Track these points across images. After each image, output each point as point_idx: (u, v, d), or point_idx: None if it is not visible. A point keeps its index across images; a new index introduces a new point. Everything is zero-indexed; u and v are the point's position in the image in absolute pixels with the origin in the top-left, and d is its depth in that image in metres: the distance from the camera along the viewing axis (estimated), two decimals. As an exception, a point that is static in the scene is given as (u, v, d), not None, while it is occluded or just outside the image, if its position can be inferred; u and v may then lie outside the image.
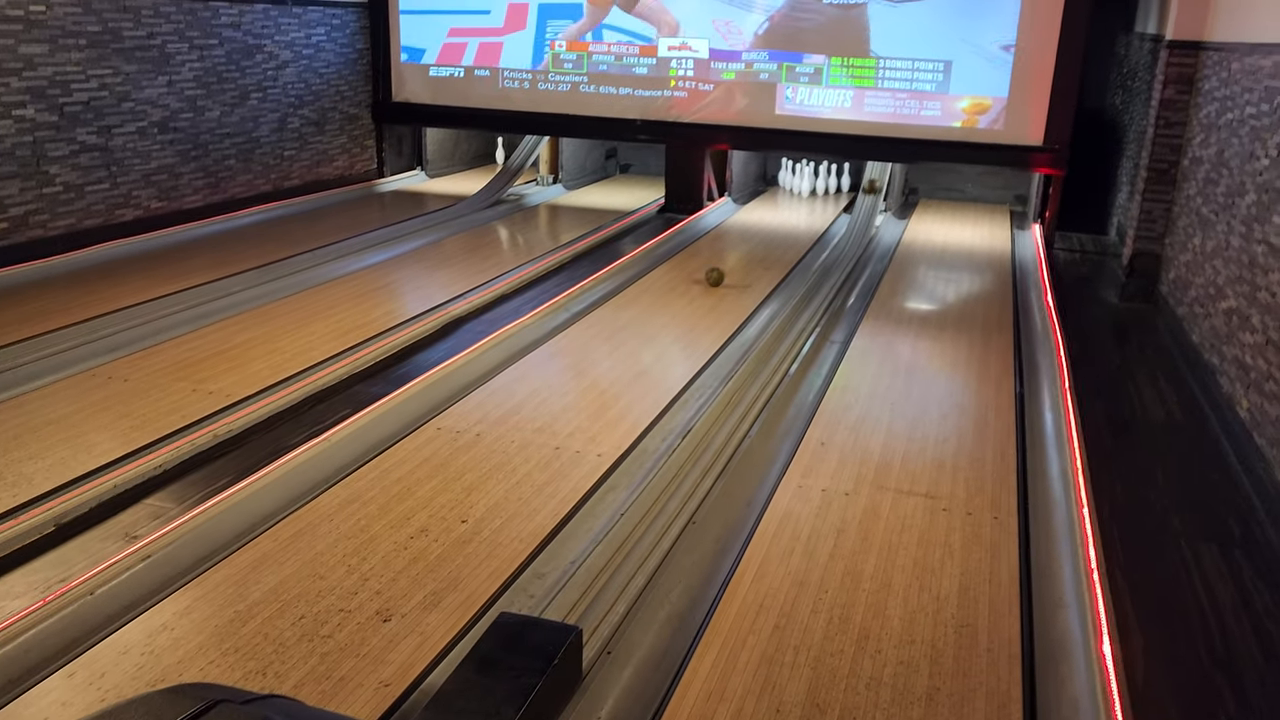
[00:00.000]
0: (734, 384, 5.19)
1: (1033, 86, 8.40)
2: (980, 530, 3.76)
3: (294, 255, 7.36)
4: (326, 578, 3.30)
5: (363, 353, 5.41)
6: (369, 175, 10.36)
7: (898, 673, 2.92)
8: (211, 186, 8.37)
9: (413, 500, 3.85)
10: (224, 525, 3.56)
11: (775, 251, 8.23)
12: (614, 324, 6.20)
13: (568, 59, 9.70)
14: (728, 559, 3.55)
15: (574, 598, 3.25)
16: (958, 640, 3.08)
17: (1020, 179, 10.24)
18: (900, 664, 2.96)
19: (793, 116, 9.15)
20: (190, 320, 5.87)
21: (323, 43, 9.42)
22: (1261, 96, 4.99)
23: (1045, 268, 7.61)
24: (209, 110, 8.23)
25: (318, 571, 3.33)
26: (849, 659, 2.98)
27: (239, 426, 4.45)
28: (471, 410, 4.77)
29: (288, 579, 3.28)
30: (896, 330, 6.30)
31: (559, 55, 9.71)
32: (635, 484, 4.06)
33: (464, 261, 7.64)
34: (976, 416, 4.89)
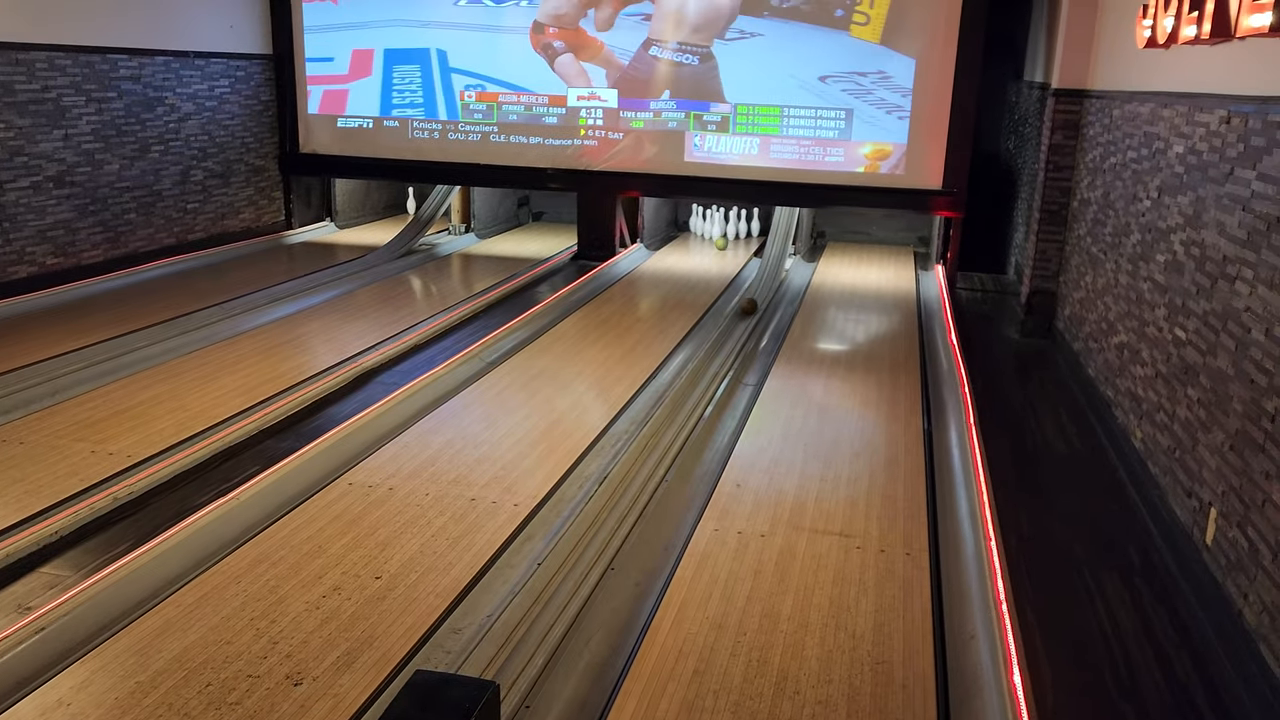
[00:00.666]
0: (649, 429, 5.21)
1: (930, 133, 8.73)
2: (893, 567, 3.83)
3: (200, 309, 7.19)
4: (234, 642, 3.19)
5: (272, 408, 5.29)
6: (277, 227, 10.20)
7: (816, 713, 2.94)
8: (111, 241, 8.14)
9: (324, 558, 3.76)
10: (125, 592, 3.43)
11: (688, 296, 8.33)
12: (529, 372, 6.19)
13: (477, 109, 9.74)
14: (647, 604, 3.55)
15: (491, 652, 3.21)
16: (874, 677, 3.12)
17: (922, 221, 10.59)
18: (819, 704, 2.99)
19: (702, 163, 9.33)
20: (90, 379, 5.68)
21: (226, 94, 9.29)
22: (1141, 141, 5.28)
23: (949, 307, 7.86)
24: (108, 164, 8.03)
25: (224, 636, 3.23)
26: (768, 701, 2.99)
27: (141, 488, 4.31)
28: (385, 464, 4.69)
29: (192, 646, 3.17)
30: (808, 371, 6.43)
31: (469, 105, 9.75)
32: (553, 532, 4.04)
33: (376, 313, 7.55)
34: (887, 454, 5.00)
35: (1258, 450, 3.37)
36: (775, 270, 9.38)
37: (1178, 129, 4.65)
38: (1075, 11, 6.92)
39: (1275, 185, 3.42)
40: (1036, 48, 8.48)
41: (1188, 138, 4.48)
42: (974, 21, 8.40)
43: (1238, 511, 3.49)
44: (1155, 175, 4.94)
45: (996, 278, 9.37)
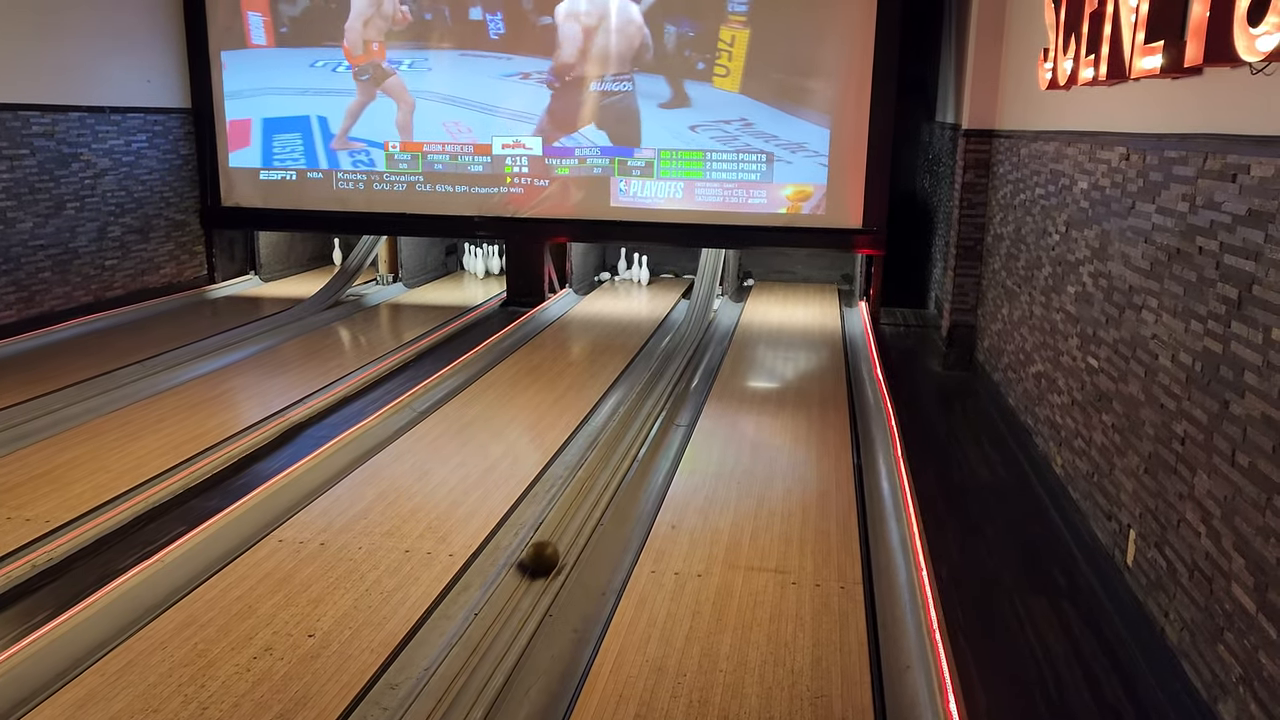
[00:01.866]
0: (584, 473, 5.22)
1: (848, 174, 8.98)
2: (829, 601, 3.88)
3: (120, 368, 7.02)
4: (161, 710, 3.10)
5: (196, 466, 5.18)
6: (199, 281, 10.03)
7: (758, 750, 2.96)
8: (25, 300, 7.92)
9: (255, 618, 3.68)
10: (44, 663, 3.30)
11: (619, 339, 8.38)
12: (460, 420, 6.15)
13: (402, 159, 9.74)
14: (586, 650, 3.53)
15: (429, 706, 3.17)
16: (814, 712, 3.15)
17: (845, 259, 10.84)
18: (760, 741, 3.00)
19: (628, 208, 9.45)
20: (4, 443, 5.49)
21: (144, 149, 9.15)
22: (1048, 178, 5.51)
23: (873, 342, 8.04)
24: (20, 221, 7.83)
25: (151, 705, 3.13)
26: (711, 741, 3.00)
27: (61, 554, 4.17)
28: (315, 519, 4.62)
29: (118, 716, 3.06)
30: (740, 409, 6.50)
31: (393, 155, 9.75)
32: (489, 581, 4.01)
33: (303, 365, 7.45)
34: (819, 490, 5.07)
35: (1170, 472, 3.51)
36: (703, 311, 9.50)
37: (1081, 166, 4.87)
38: (981, 55, 7.22)
39: (1173, 218, 3.60)
40: (946, 90, 8.80)
41: (1091, 174, 4.69)
42: (886, 66, 8.70)
43: (1155, 532, 3.62)
44: (1063, 210, 5.15)
45: (918, 312, 9.62)
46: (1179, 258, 3.53)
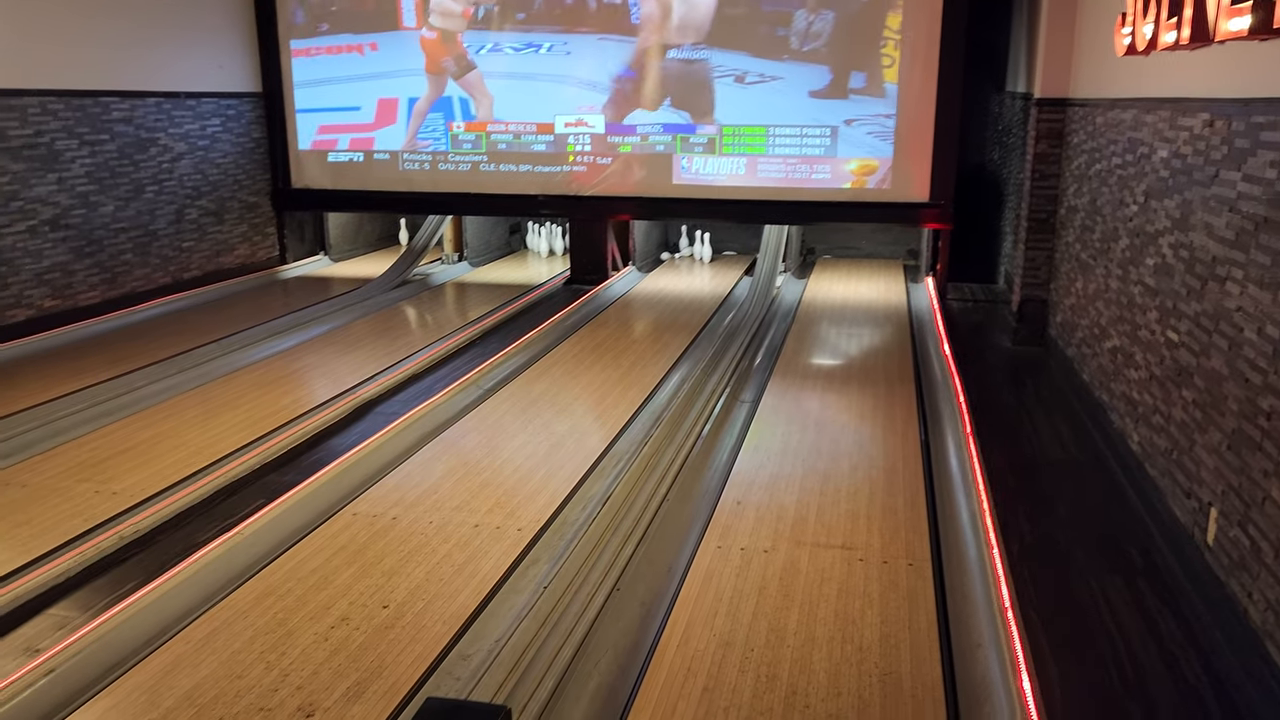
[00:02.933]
0: (649, 449, 5.24)
1: (915, 147, 8.82)
2: (897, 578, 3.85)
3: (197, 347, 7.22)
4: (245, 676, 3.20)
5: (273, 442, 5.31)
6: (271, 262, 10.25)
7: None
8: (108, 282, 8.18)
9: (331, 589, 3.77)
10: (134, 630, 3.44)
11: (682, 317, 8.38)
12: (526, 398, 6.21)
13: (466, 139, 9.82)
14: (653, 624, 3.56)
15: (501, 677, 3.22)
16: (883, 689, 3.14)
17: (911, 234, 10.67)
18: (829, 717, 3.00)
19: (690, 185, 9.41)
20: (91, 419, 5.70)
21: (218, 133, 9.36)
22: (1125, 147, 5.35)
23: (940, 318, 7.91)
24: (103, 205, 8.08)
25: (235, 671, 3.24)
26: (779, 716, 3.01)
27: (146, 526, 4.32)
28: (387, 493, 4.71)
29: (204, 681, 3.18)
30: (804, 386, 6.46)
31: (457, 136, 9.83)
32: (557, 556, 4.06)
33: (372, 344, 7.58)
34: (886, 466, 5.03)
35: (1255, 449, 3.41)
36: (766, 288, 9.44)
37: (1161, 133, 4.72)
38: (1054, 22, 7.01)
39: (1261, 185, 3.48)
40: (1018, 59, 8.58)
41: (1171, 142, 4.54)
42: (955, 35, 8.51)
43: (1238, 510, 3.52)
44: (1141, 180, 5.00)
45: (987, 287, 9.44)
46: (1266, 227, 3.41)
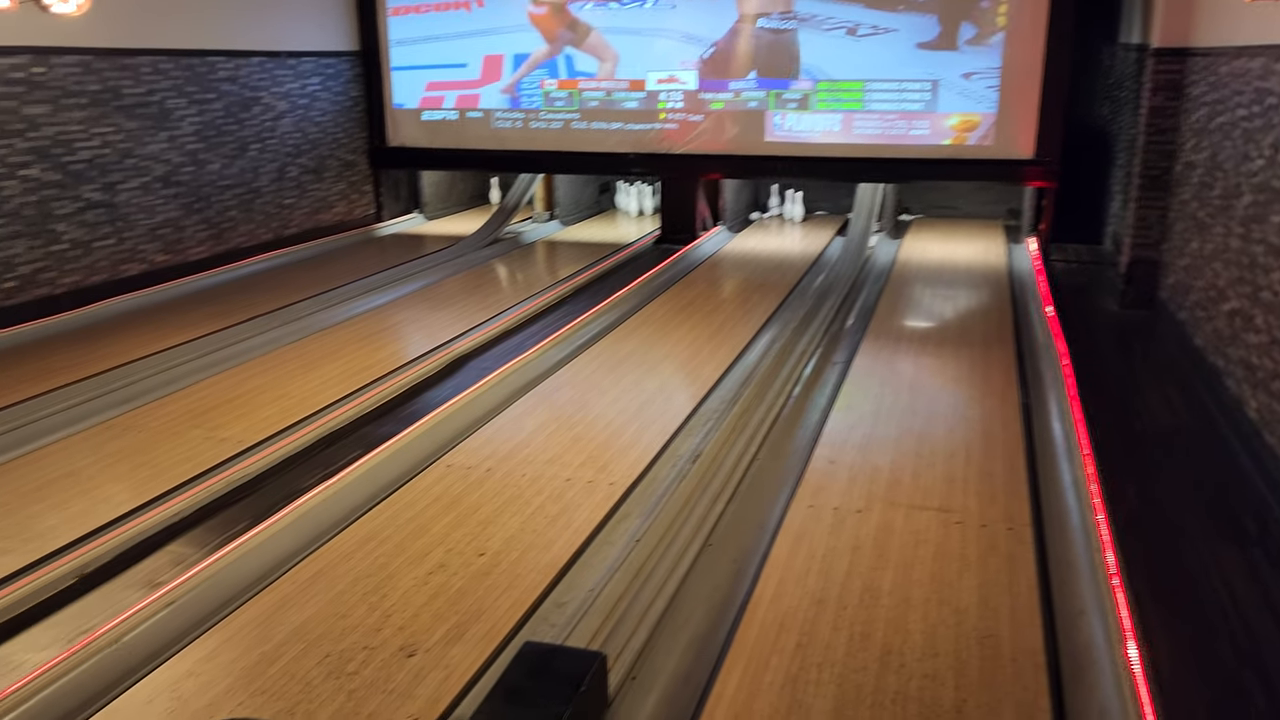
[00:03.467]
0: (739, 408, 5.22)
1: (1021, 101, 8.51)
2: (996, 542, 3.77)
3: (297, 301, 7.42)
4: (349, 616, 3.31)
5: (370, 394, 5.44)
6: (367, 220, 10.46)
7: (924, 686, 2.93)
8: (215, 238, 8.45)
9: (429, 536, 3.87)
10: (244, 568, 3.58)
11: (772, 277, 8.29)
12: (616, 355, 6.24)
13: (558, 97, 9.82)
14: (745, 580, 3.56)
15: (595, 625, 3.27)
16: (981, 652, 3.09)
17: (1012, 193, 10.32)
18: (925, 678, 2.97)
19: (783, 143, 9.26)
20: (199, 369, 5.92)
21: (318, 92, 9.54)
22: (1252, 98, 5.07)
23: (1043, 279, 7.66)
24: (210, 163, 8.33)
25: (340, 610, 3.35)
26: (874, 675, 2.99)
27: (252, 471, 4.48)
28: (481, 446, 4.79)
29: (311, 619, 3.30)
30: (897, 348, 6.34)
31: (550, 94, 9.83)
32: (648, 511, 4.08)
33: (464, 300, 7.69)
34: (984, 430, 4.91)
35: (1385, 416, 3.22)
36: (859, 248, 9.27)
37: (1290, 85, 4.45)
38: (1175, -32, 6.66)
39: (1401, 138, 3.26)
40: (1133, 8, 8.18)
41: (1301, 93, 4.28)
42: (1065, -16, 8.16)
43: (1363, 480, 3.34)
44: (1269, 133, 4.74)
45: (1092, 248, 9.09)
46: None
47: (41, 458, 4.69)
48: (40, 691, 2.88)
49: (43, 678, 2.92)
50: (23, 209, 6.78)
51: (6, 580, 3.56)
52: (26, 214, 6.81)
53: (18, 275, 6.79)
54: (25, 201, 6.79)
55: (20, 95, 6.69)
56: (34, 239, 6.87)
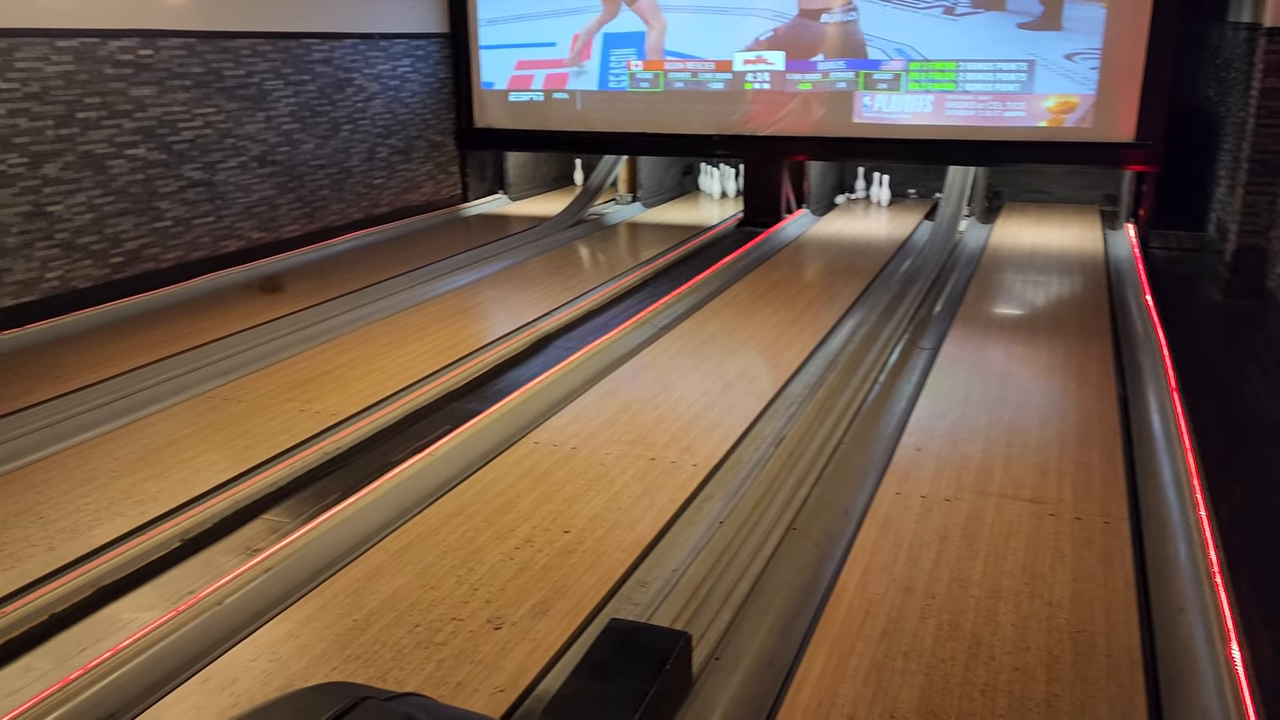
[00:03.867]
0: (824, 393, 5.17)
1: (1122, 82, 8.21)
2: (1091, 535, 3.68)
3: (387, 279, 7.58)
4: (438, 587, 3.39)
5: (457, 371, 5.54)
6: (454, 200, 10.61)
7: (1014, 679, 2.87)
8: (308, 216, 8.67)
9: (515, 512, 3.92)
10: (338, 538, 3.68)
11: (857, 261, 8.17)
12: (699, 337, 6.23)
13: (644, 78, 9.80)
14: (830, 566, 3.54)
15: (679, 605, 3.28)
16: (1074, 647, 3.02)
17: (1110, 177, 9.99)
18: (1016, 670, 2.91)
19: (871, 124, 9.10)
20: (294, 344, 6.09)
21: (408, 74, 9.70)
22: (1371, 81, 4.81)
23: (1142, 267, 7.41)
24: (304, 143, 8.54)
25: (429, 581, 3.42)
26: (962, 665, 2.94)
27: (345, 444, 4.60)
28: (567, 424, 4.84)
29: (401, 589, 3.38)
30: (987, 336, 6.21)
31: (635, 74, 9.82)
32: (732, 492, 4.08)
33: (548, 280, 7.75)
34: (1078, 420, 4.78)
35: None
36: (949, 233, 9.08)
37: None
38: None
39: None
40: (1245, -15, 7.83)
41: None
42: (1173, -40, 7.84)
43: None
44: (1391, 117, 4.49)
45: (1195, 235, 8.76)
46: None
47: (146, 426, 4.89)
48: (149, 649, 3.01)
49: (149, 636, 3.05)
50: (129, 187, 7.04)
51: (116, 543, 3.73)
52: (133, 192, 7.07)
53: (124, 250, 7.06)
54: (132, 180, 7.06)
55: (129, 77, 6.95)
56: (139, 216, 7.14)
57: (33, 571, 3.55)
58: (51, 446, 4.65)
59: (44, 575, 3.52)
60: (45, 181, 6.50)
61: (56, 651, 3.15)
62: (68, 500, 4.09)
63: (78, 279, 6.77)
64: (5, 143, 6.24)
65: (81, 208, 6.75)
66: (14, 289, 6.40)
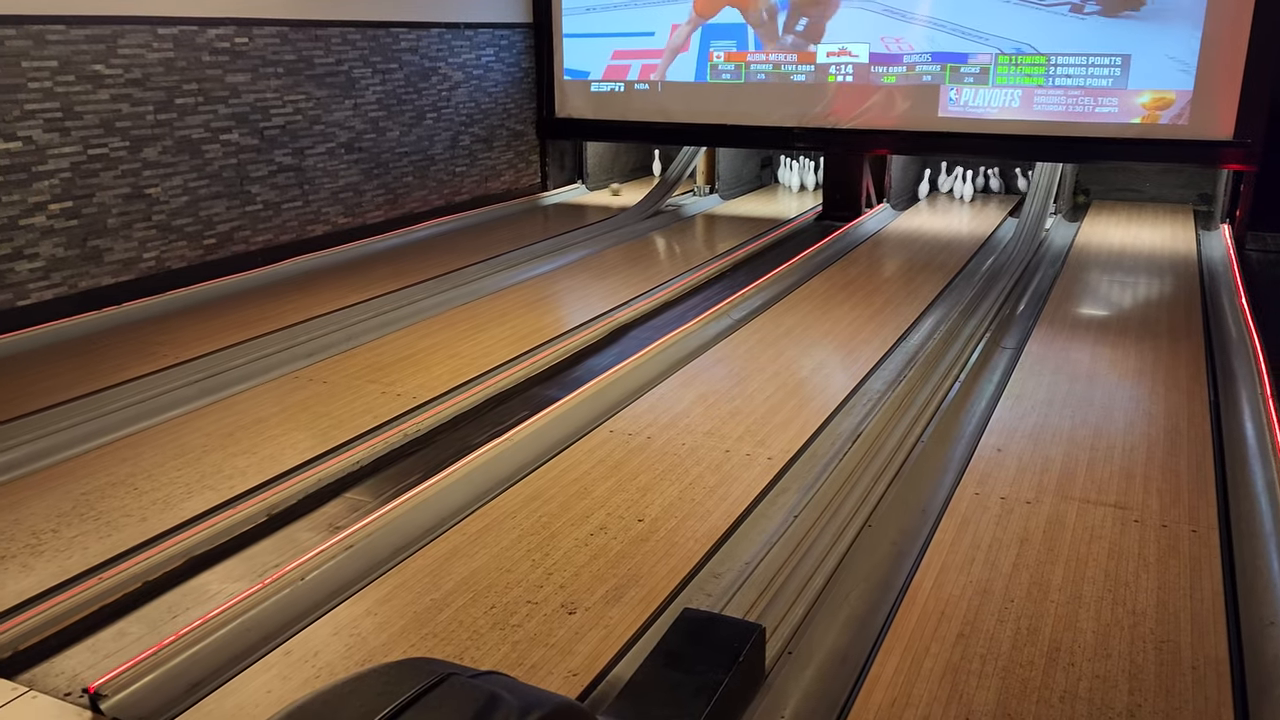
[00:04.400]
0: (902, 389, 5.11)
1: (1222, 78, 7.92)
2: (1178, 543, 3.58)
3: (467, 266, 7.69)
4: (513, 570, 3.44)
5: (536, 358, 5.60)
6: (533, 189, 10.71)
7: (1094, 687, 2.82)
8: (391, 203, 8.84)
9: (590, 499, 3.96)
10: (417, 518, 3.76)
11: (938, 258, 8.04)
12: (776, 330, 6.20)
13: (726, 69, 9.76)
14: (905, 564, 3.50)
15: (752, 597, 3.28)
16: (1158, 657, 2.95)
17: (1204, 176, 9.67)
18: (1097, 678, 2.85)
19: (957, 119, 8.93)
20: (377, 327, 6.22)
21: (491, 63, 9.81)
22: None
23: (1238, 269, 7.16)
24: (389, 130, 8.70)
25: (505, 565, 3.48)
26: (1040, 671, 2.89)
27: (426, 426, 4.69)
28: (642, 414, 4.87)
29: (478, 570, 3.44)
30: (1073, 336, 6.06)
31: (717, 66, 9.79)
32: (807, 486, 4.06)
33: (626, 270, 7.79)
34: (1167, 425, 4.65)
35: None
36: (1034, 230, 8.87)
37: None
38: None
39: None
40: (1358, -23, 7.48)
41: None
42: (1281, -50, 7.53)
43: None
44: None
45: (1295, 238, 8.42)
46: None
47: (234, 404, 5.05)
48: (236, 619, 3.12)
49: (236, 607, 3.15)
50: (223, 171, 7.27)
51: (206, 515, 3.86)
52: (226, 176, 7.29)
53: (216, 233, 7.29)
54: (225, 164, 7.28)
55: (225, 64, 7.16)
56: (232, 199, 7.36)
57: (127, 540, 3.70)
58: (145, 421, 4.83)
59: (137, 544, 3.67)
60: (145, 165, 6.74)
61: (149, 618, 3.27)
62: (161, 473, 4.25)
63: (172, 259, 7.01)
64: (109, 127, 6.49)
65: (178, 190, 6.98)
66: (114, 268, 6.65)
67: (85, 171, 6.39)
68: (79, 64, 6.27)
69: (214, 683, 2.91)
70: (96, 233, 6.51)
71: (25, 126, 6.04)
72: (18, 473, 4.29)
